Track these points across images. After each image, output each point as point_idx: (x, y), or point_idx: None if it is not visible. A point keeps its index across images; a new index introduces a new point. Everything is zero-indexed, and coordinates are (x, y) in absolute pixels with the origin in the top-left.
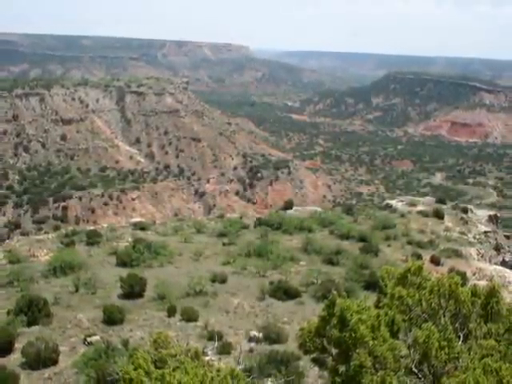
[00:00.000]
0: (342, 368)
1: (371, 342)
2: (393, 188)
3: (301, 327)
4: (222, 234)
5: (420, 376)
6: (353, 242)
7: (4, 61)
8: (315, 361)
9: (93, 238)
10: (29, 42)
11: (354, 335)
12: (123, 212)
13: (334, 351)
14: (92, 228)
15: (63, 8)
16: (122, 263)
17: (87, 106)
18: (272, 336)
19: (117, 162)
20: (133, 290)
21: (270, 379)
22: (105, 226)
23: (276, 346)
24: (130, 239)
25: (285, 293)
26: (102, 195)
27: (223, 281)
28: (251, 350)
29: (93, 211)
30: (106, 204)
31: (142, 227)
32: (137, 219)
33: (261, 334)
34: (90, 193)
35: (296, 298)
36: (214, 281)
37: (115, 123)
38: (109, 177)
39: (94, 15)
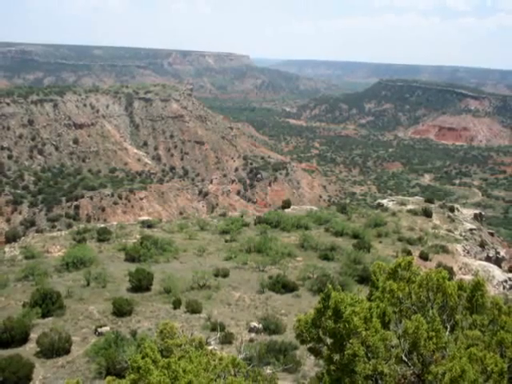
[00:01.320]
0: (336, 357)
1: (364, 333)
2: (384, 188)
3: (298, 318)
4: (224, 232)
5: (409, 364)
6: (346, 238)
7: (20, 69)
8: (311, 350)
9: (103, 235)
10: (44, 51)
11: (347, 326)
12: (131, 211)
13: (329, 341)
14: (102, 226)
15: (76, 20)
16: (131, 258)
17: (98, 111)
18: (271, 327)
19: (125, 163)
20: (140, 283)
21: (269, 367)
22: (114, 223)
23: (275, 337)
24: (138, 236)
25: (283, 286)
26: (112, 195)
27: (225, 275)
28: (251, 340)
29: (103, 210)
30: (115, 203)
31: (149, 225)
32: (144, 217)
33: (260, 325)
34: (100, 193)
35: (293, 292)
36: (216, 275)
37: (124, 127)
38: (118, 178)
39: (105, 27)
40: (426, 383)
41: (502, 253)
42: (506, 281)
